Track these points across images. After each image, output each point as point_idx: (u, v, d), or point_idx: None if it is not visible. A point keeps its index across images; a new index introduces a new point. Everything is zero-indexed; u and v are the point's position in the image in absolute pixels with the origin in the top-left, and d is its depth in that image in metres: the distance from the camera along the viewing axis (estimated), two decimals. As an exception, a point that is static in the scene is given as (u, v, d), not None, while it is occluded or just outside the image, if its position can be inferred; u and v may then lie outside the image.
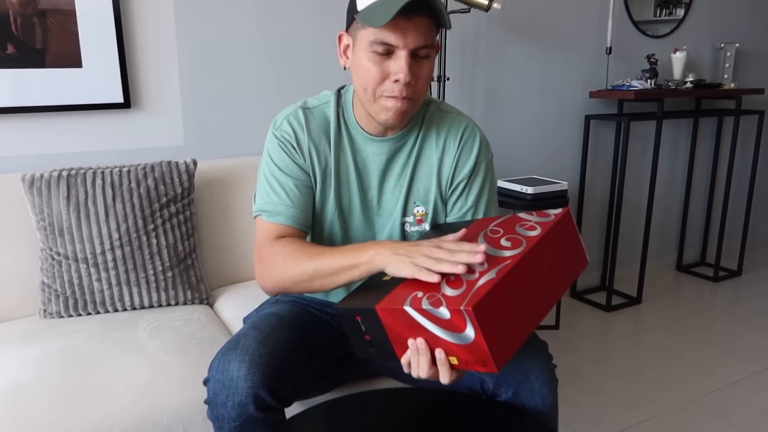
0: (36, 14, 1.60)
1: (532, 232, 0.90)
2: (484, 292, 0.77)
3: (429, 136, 1.14)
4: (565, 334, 2.50)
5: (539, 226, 0.91)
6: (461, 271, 0.82)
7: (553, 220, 0.91)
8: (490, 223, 0.99)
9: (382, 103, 1.01)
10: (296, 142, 1.10)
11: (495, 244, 0.90)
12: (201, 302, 1.63)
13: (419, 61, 0.98)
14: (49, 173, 1.49)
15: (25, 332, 1.39)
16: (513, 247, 0.87)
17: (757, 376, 2.15)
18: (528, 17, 2.49)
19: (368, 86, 1.00)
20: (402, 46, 0.95)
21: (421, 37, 0.95)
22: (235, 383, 0.95)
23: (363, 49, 0.98)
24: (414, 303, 0.81)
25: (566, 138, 2.74)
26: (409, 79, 0.97)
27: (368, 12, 0.95)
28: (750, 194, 3.20)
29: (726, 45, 3.04)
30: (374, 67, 0.98)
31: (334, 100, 1.13)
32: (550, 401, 1.04)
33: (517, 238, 0.89)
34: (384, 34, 0.95)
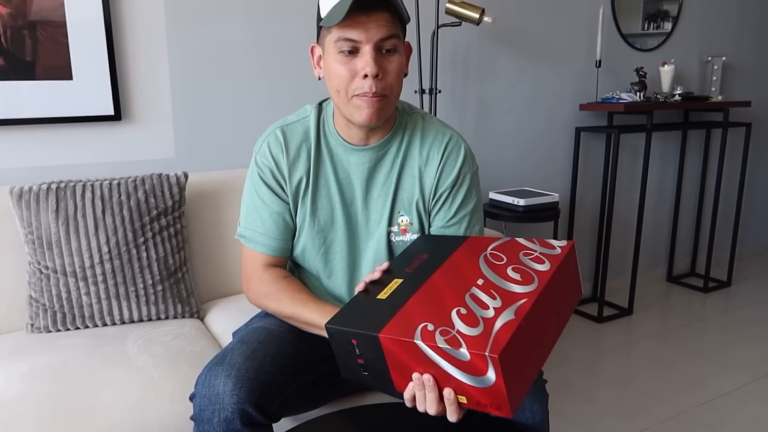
0: (26, 26, 1.59)
1: (540, 265, 0.88)
2: (507, 336, 0.74)
3: (413, 145, 1.14)
4: (556, 346, 2.49)
5: (547, 259, 0.89)
6: (361, 287, 0.93)
7: (560, 254, 0.90)
8: (487, 245, 0.97)
9: (355, 103, 1.01)
10: (275, 166, 1.12)
11: (501, 274, 0.88)
12: (191, 316, 1.61)
13: (385, 56, 1.00)
14: (38, 186, 1.47)
15: (11, 347, 1.37)
16: (524, 282, 0.85)
17: (748, 386, 2.16)
18: (518, 31, 2.51)
19: (339, 87, 1.01)
20: (365, 41, 0.97)
21: (383, 29, 0.97)
22: (221, 399, 0.94)
23: (331, 53, 1.01)
24: (426, 338, 0.78)
25: (557, 150, 2.76)
26: (376, 71, 0.97)
27: (328, 15, 0.98)
28: (738, 205, 3.23)
29: (713, 58, 3.08)
30: (342, 67, 0.99)
31: (315, 113, 1.14)
32: (541, 416, 1.04)
33: (527, 272, 0.87)
34: (346, 31, 0.97)
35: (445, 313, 0.82)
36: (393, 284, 0.93)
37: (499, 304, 0.81)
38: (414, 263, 0.97)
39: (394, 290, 0.91)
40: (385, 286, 0.93)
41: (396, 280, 0.94)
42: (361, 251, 1.16)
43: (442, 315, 0.82)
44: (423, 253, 0.99)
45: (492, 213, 2.36)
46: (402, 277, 0.94)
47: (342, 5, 0.94)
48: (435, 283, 0.90)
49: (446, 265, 0.94)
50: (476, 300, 0.83)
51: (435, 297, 0.86)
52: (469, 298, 0.84)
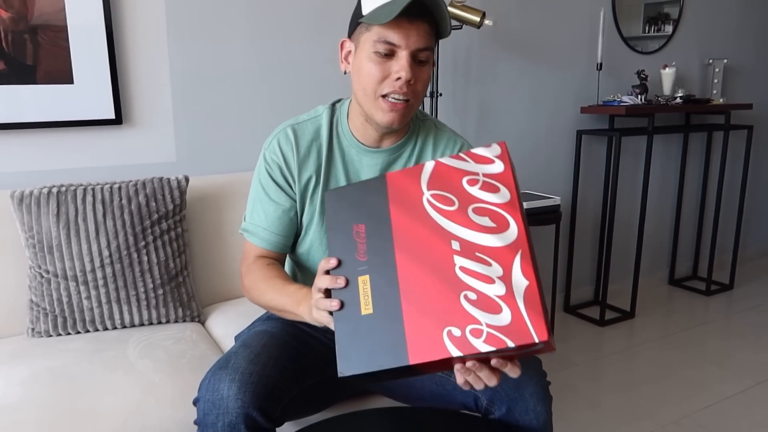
0: (27, 30, 1.59)
1: (496, 196, 0.80)
2: (539, 310, 0.73)
3: (425, 150, 1.17)
4: (558, 350, 2.49)
5: (497, 182, 0.80)
6: (336, 307, 0.83)
7: (505, 170, 0.81)
8: (417, 185, 0.84)
9: (381, 104, 1.03)
10: (284, 162, 1.12)
11: (469, 225, 0.79)
12: (192, 320, 1.61)
13: (418, 65, 1.02)
14: (39, 190, 1.47)
15: (12, 351, 1.37)
16: (500, 227, 0.78)
17: (751, 390, 2.15)
18: (519, 34, 2.51)
19: (368, 86, 1.03)
20: (404, 47, 0.99)
21: (422, 39, 1.00)
22: (225, 403, 0.94)
23: (365, 51, 1.02)
24: (463, 347, 0.74)
25: (558, 153, 2.76)
26: (410, 77, 1.00)
27: (374, 13, 0.99)
28: (740, 208, 3.22)
29: (714, 61, 3.08)
30: (375, 67, 1.01)
31: (328, 112, 1.15)
32: (545, 418, 1.03)
33: (495, 213, 0.79)
34: (388, 34, 0.99)
35: (455, 306, 0.77)
36: (364, 287, 0.84)
37: (500, 271, 0.76)
38: (358, 242, 0.86)
39: (372, 296, 0.83)
40: (358, 294, 0.84)
41: (362, 279, 0.84)
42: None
43: (453, 309, 0.77)
44: (354, 222, 0.87)
45: (493, 216, 2.35)
46: (363, 270, 0.84)
47: (392, 6, 0.96)
48: (407, 268, 0.81)
49: (398, 236, 0.83)
50: (472, 274, 0.78)
51: (424, 287, 0.79)
52: (462, 274, 0.78)
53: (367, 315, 0.82)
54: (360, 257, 0.85)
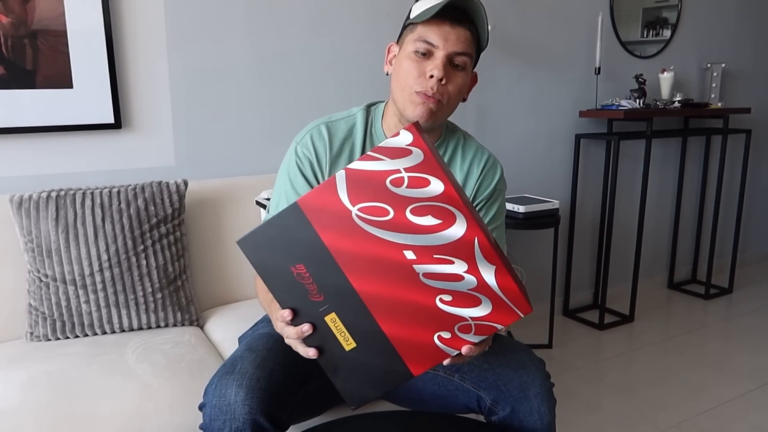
0: (27, 35, 1.60)
1: (427, 189, 0.74)
2: (515, 287, 0.74)
3: (455, 158, 1.19)
4: (558, 353, 2.49)
5: (423, 173, 0.74)
6: (314, 355, 0.82)
7: (427, 156, 0.73)
8: (334, 200, 0.76)
9: (413, 98, 1.05)
10: (316, 159, 1.13)
11: (415, 230, 0.75)
12: (191, 324, 1.61)
13: (454, 69, 1.05)
14: (38, 194, 1.47)
15: (10, 356, 1.37)
16: (446, 222, 0.74)
17: (751, 394, 2.15)
18: (518, 38, 2.52)
19: (404, 82, 1.05)
20: (441, 48, 1.02)
21: (460, 44, 1.03)
22: (232, 408, 0.93)
23: (406, 51, 1.06)
24: (457, 344, 0.77)
25: (557, 157, 2.76)
26: (442, 75, 1.02)
27: (420, 13, 1.04)
28: (739, 212, 3.22)
29: (712, 65, 3.09)
30: (413, 65, 1.04)
31: (363, 113, 1.17)
32: (549, 419, 1.03)
33: (435, 208, 0.74)
34: (428, 33, 1.03)
35: (435, 313, 0.76)
36: (335, 325, 0.80)
37: (465, 265, 0.75)
38: (305, 284, 0.79)
39: (349, 331, 0.80)
40: (332, 334, 0.80)
41: (329, 318, 0.80)
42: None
43: (434, 315, 0.77)
44: (290, 264, 0.79)
45: (492, 220, 2.36)
46: (326, 310, 0.79)
47: (435, 6, 1.00)
48: (370, 292, 0.77)
49: (344, 263, 0.77)
50: (438, 277, 0.76)
51: (397, 306, 0.77)
52: (428, 280, 0.76)
53: (352, 350, 0.80)
54: (315, 298, 0.79)
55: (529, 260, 2.72)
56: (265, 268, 0.79)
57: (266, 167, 2.01)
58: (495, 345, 1.12)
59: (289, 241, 0.77)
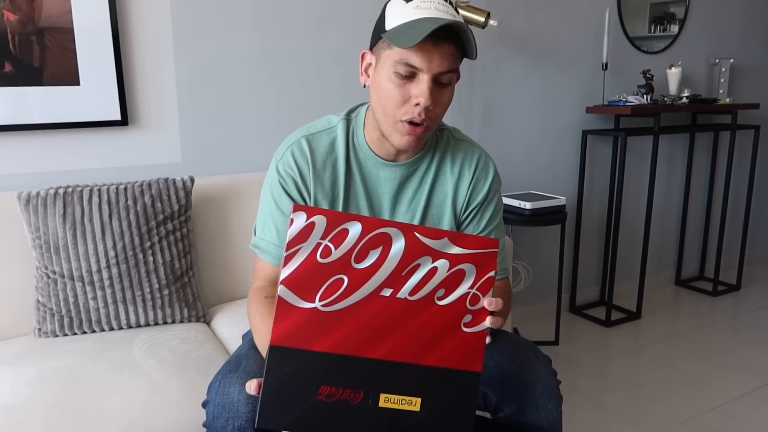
0: (34, 32, 1.60)
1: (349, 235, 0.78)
2: (467, 239, 0.80)
3: (444, 163, 1.13)
4: (564, 350, 2.48)
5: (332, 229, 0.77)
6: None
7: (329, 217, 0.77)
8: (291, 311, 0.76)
9: (399, 128, 1.00)
10: (299, 176, 1.08)
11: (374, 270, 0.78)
12: (198, 320, 1.61)
13: (440, 88, 0.98)
14: (45, 191, 1.48)
15: (19, 352, 1.38)
16: (385, 249, 0.78)
17: (759, 391, 2.14)
18: (524, 34, 2.51)
19: (387, 108, 0.99)
20: (426, 70, 0.95)
21: (445, 62, 0.95)
22: (235, 406, 0.93)
23: (386, 69, 0.98)
24: (479, 314, 0.80)
25: (564, 153, 2.75)
26: (429, 103, 0.96)
27: (397, 32, 0.95)
28: (747, 208, 3.20)
29: (721, 60, 3.06)
30: (395, 89, 0.97)
31: (343, 124, 1.10)
32: (555, 417, 1.03)
33: (369, 241, 0.78)
34: (410, 56, 0.94)
35: (445, 313, 0.78)
36: (391, 403, 0.78)
37: (428, 259, 0.79)
38: (341, 399, 0.76)
39: (405, 393, 0.78)
40: (395, 411, 0.78)
41: (383, 400, 0.78)
42: None
43: (447, 314, 0.78)
44: (315, 397, 0.76)
45: (498, 217, 2.35)
46: (373, 399, 0.77)
47: (416, 30, 0.91)
48: (389, 349, 0.78)
49: (349, 350, 0.77)
50: (420, 285, 0.79)
51: (415, 337, 0.78)
52: (414, 296, 0.79)
53: (422, 404, 0.78)
54: (357, 399, 0.77)
55: (536, 257, 2.72)
56: (300, 420, 0.75)
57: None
58: (501, 342, 1.11)
59: (295, 380, 0.75)
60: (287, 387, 0.74)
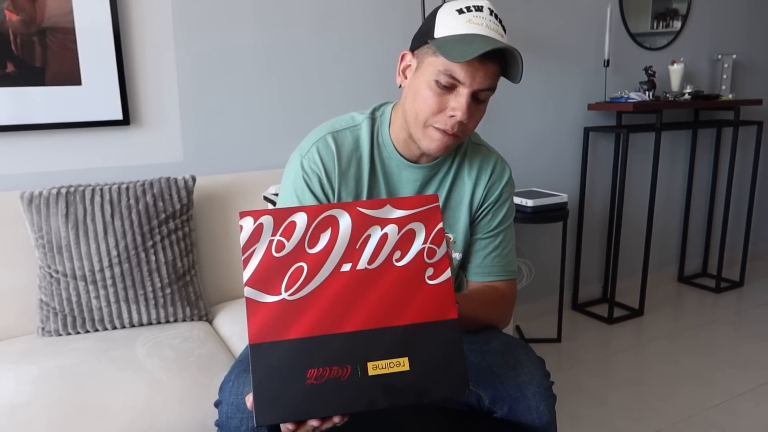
0: (36, 33, 1.61)
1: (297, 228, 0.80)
2: (408, 201, 0.82)
3: (462, 168, 1.16)
4: (566, 347, 2.48)
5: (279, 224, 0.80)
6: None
7: (275, 215, 0.80)
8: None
9: (430, 134, 1.01)
10: (324, 173, 1.07)
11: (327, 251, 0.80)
12: (200, 319, 1.62)
13: (476, 103, 1.00)
14: (48, 191, 1.49)
15: (23, 351, 1.39)
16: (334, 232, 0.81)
17: (762, 388, 2.13)
18: (525, 31, 2.50)
19: (421, 113, 1.00)
20: (468, 85, 0.96)
21: (488, 81, 0.97)
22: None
23: (427, 76, 0.98)
24: (440, 268, 0.81)
25: (565, 150, 2.75)
26: (465, 118, 0.98)
27: (447, 43, 0.95)
28: (750, 205, 3.19)
29: (723, 56, 3.05)
30: (433, 97, 0.98)
31: (368, 122, 1.11)
32: (548, 418, 1.03)
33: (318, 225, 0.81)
34: (455, 69, 0.95)
35: (407, 271, 0.80)
36: (380, 369, 0.78)
37: (377, 228, 0.81)
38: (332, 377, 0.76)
39: (391, 356, 0.78)
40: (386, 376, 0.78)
41: (371, 367, 0.78)
42: None
43: (409, 273, 0.80)
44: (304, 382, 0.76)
45: (500, 214, 2.35)
46: (361, 370, 0.77)
47: (468, 47, 0.92)
48: (364, 319, 0.79)
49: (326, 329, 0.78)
50: (376, 253, 0.80)
51: (385, 302, 0.80)
52: (373, 264, 0.80)
53: (410, 363, 0.78)
54: (345, 374, 0.77)
55: (538, 254, 2.72)
56: (297, 408, 0.75)
57: (274, 162, 2.01)
58: (494, 343, 1.11)
59: (281, 371, 0.76)
60: (275, 380, 0.75)
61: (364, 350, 0.77)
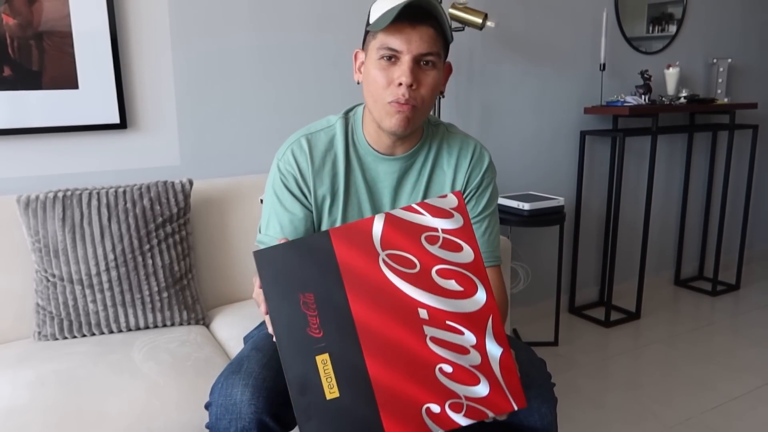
0: (33, 36, 1.61)
1: (459, 254, 0.75)
2: (515, 377, 0.75)
3: (440, 156, 1.17)
4: (564, 351, 2.48)
5: (459, 239, 0.75)
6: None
7: (464, 224, 0.75)
8: (368, 239, 0.75)
9: (387, 109, 1.04)
10: (299, 173, 1.11)
11: (435, 291, 0.74)
12: (197, 323, 1.61)
13: (423, 69, 1.02)
14: (45, 194, 1.48)
15: (19, 355, 1.38)
16: (467, 291, 0.74)
17: (759, 391, 2.14)
18: (522, 35, 2.52)
19: (375, 92, 1.04)
20: (406, 51, 1.00)
21: (424, 44, 1.00)
22: (238, 408, 0.94)
23: (372, 58, 1.03)
24: (444, 423, 0.73)
25: (562, 154, 2.75)
26: (411, 81, 1.00)
27: (376, 21, 1.01)
28: (746, 208, 3.21)
29: (718, 60, 3.07)
30: (380, 73, 1.02)
31: (341, 122, 1.14)
32: (549, 419, 1.03)
33: (461, 275, 0.75)
34: (389, 40, 1.00)
35: (431, 381, 0.73)
36: (324, 368, 0.75)
37: (473, 339, 0.74)
38: (308, 315, 0.75)
39: (336, 377, 0.74)
40: (317, 377, 0.74)
41: (321, 358, 0.74)
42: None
43: (429, 384, 0.73)
44: (300, 291, 0.75)
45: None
46: (321, 348, 0.74)
47: (391, 12, 0.97)
48: (372, 342, 0.74)
49: (355, 305, 0.74)
50: (445, 345, 0.74)
51: (395, 364, 0.74)
52: (434, 345, 0.74)
53: (333, 399, 0.73)
54: (314, 332, 0.74)
55: (535, 258, 2.72)
56: (273, 287, 0.74)
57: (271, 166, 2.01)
58: None
59: (307, 267, 0.74)
60: (299, 260, 0.74)
61: (339, 345, 0.75)
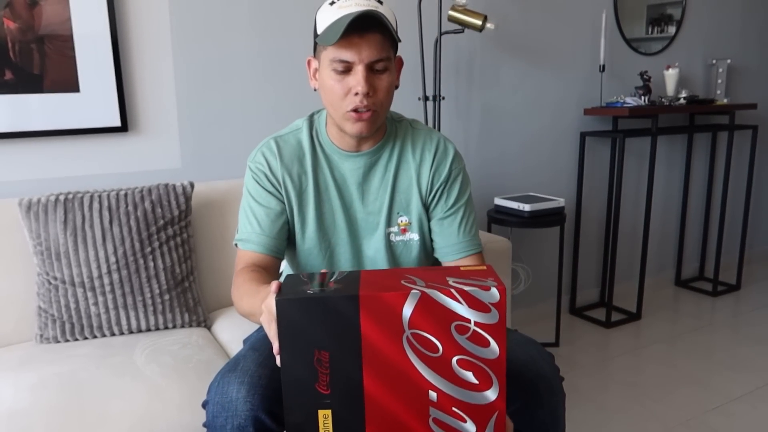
0: (34, 40, 1.61)
1: (485, 350, 0.75)
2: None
3: (405, 150, 1.20)
4: (564, 351, 2.48)
5: (489, 335, 0.74)
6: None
7: (499, 320, 0.74)
8: (398, 313, 0.75)
9: (348, 117, 1.07)
10: (269, 170, 1.16)
11: (451, 378, 0.75)
12: (198, 325, 1.62)
13: (377, 75, 1.06)
14: (46, 197, 1.49)
15: (21, 358, 1.38)
16: (482, 385, 0.75)
17: (760, 391, 2.14)
18: (521, 36, 2.52)
19: (334, 102, 1.07)
20: (358, 62, 1.03)
21: (374, 51, 1.03)
22: (234, 405, 0.95)
23: (326, 69, 1.06)
24: None
25: (562, 155, 2.76)
26: (367, 90, 1.03)
27: (324, 34, 1.04)
28: (746, 208, 3.21)
29: (718, 61, 3.08)
30: (336, 84, 1.05)
31: (307, 124, 1.20)
32: (559, 413, 1.04)
33: (480, 369, 0.75)
34: (340, 52, 1.03)
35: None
36: (323, 422, 0.77)
37: (473, 429, 0.75)
38: (319, 371, 0.76)
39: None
40: (317, 428, 0.76)
41: (323, 413, 0.76)
42: (364, 251, 1.21)
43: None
44: (317, 347, 0.75)
45: (498, 219, 2.36)
46: (325, 404, 0.76)
47: (337, 26, 1.00)
48: (376, 411, 0.75)
49: (369, 374, 0.75)
50: (445, 428, 0.75)
51: (395, 425, 0.76)
52: (435, 426, 0.75)
53: None
54: (322, 389, 0.76)
55: (535, 259, 2.72)
56: (290, 339, 0.74)
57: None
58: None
59: (329, 327, 0.74)
60: (323, 316, 0.73)
61: (343, 406, 0.77)
